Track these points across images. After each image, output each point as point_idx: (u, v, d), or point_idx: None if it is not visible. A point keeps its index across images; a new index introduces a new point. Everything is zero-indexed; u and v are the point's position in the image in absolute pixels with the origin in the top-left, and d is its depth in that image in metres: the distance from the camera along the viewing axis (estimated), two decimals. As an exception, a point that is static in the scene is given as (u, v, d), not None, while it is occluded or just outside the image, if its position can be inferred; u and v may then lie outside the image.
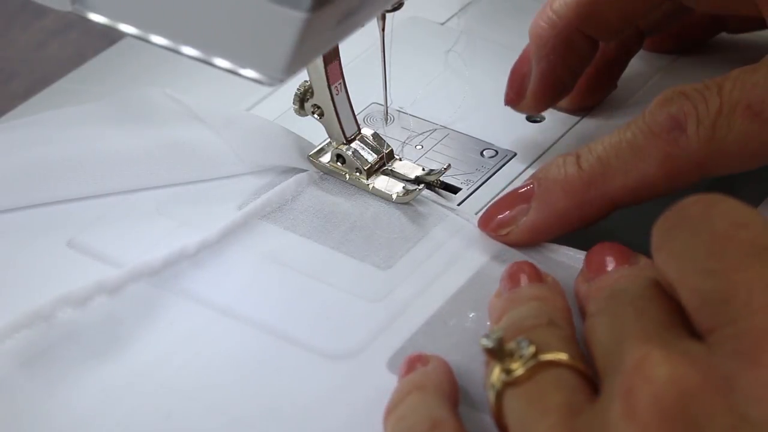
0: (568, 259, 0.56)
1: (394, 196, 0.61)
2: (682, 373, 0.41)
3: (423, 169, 0.62)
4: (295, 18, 0.44)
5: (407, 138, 0.65)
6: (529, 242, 0.57)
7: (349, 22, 0.48)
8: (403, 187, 0.61)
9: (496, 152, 0.64)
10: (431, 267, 0.57)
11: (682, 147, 0.54)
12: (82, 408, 0.51)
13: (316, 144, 0.63)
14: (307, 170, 0.63)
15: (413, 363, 0.51)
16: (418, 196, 0.61)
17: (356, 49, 0.70)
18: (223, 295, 0.56)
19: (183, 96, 0.66)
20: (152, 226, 0.60)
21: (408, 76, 0.69)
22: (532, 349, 0.46)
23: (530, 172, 0.63)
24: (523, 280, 0.53)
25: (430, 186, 0.62)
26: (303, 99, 0.61)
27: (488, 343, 0.47)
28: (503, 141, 0.65)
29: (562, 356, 0.46)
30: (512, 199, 0.58)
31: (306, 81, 0.61)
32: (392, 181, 0.62)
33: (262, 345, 0.54)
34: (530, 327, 0.48)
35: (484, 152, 0.64)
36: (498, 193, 0.62)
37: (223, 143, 0.63)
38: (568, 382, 0.45)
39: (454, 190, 0.62)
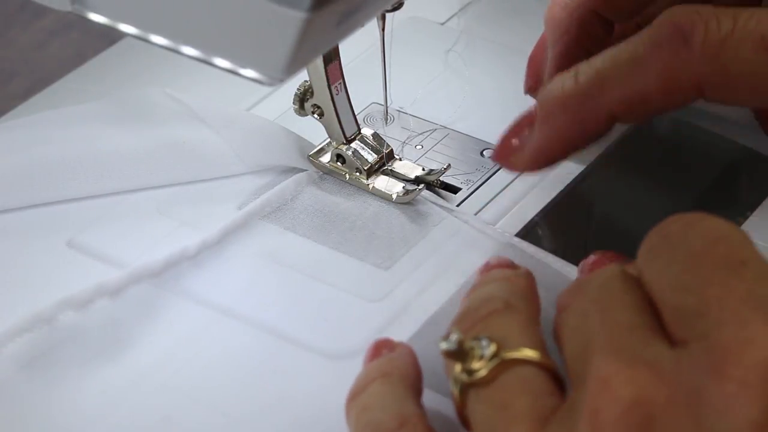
0: (567, 272, 0.56)
1: (394, 196, 0.61)
2: (648, 392, 0.40)
3: (423, 169, 0.62)
4: (295, 18, 0.44)
5: (407, 138, 0.65)
6: (537, 167, 0.56)
7: (349, 22, 0.48)
8: (403, 187, 0.61)
9: (496, 152, 0.64)
10: (431, 267, 0.57)
11: (683, 59, 0.52)
12: (84, 410, 0.51)
13: (316, 144, 0.63)
14: (306, 170, 0.63)
15: (379, 348, 0.50)
16: (418, 196, 0.61)
17: (356, 49, 0.70)
18: (223, 296, 0.56)
19: (183, 96, 0.66)
20: (152, 226, 0.60)
21: (408, 76, 0.69)
22: (493, 348, 0.45)
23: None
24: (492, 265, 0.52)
25: (430, 186, 0.62)
26: (303, 99, 0.61)
27: (447, 346, 0.45)
28: (503, 141, 0.65)
29: (525, 353, 0.45)
30: (519, 125, 0.56)
31: (306, 81, 0.61)
32: (392, 181, 0.62)
33: (262, 345, 0.54)
34: (486, 315, 0.47)
35: (484, 152, 0.64)
36: (498, 193, 0.62)
37: (223, 143, 0.63)
38: (533, 382, 0.44)
39: (454, 190, 0.62)
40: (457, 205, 0.61)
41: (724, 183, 0.62)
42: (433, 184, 0.62)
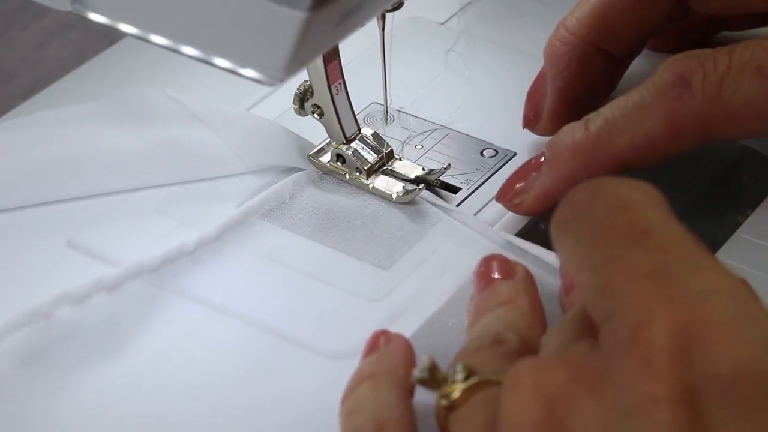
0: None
1: (394, 196, 0.61)
2: (546, 378, 0.41)
3: (423, 169, 0.62)
4: (295, 18, 0.44)
5: (407, 138, 0.65)
6: (541, 210, 0.58)
7: (349, 22, 0.48)
8: (403, 187, 0.61)
9: (496, 152, 0.64)
10: (431, 267, 0.57)
11: (686, 103, 0.54)
12: (80, 407, 0.51)
13: (316, 144, 0.63)
14: (305, 170, 0.63)
15: (376, 342, 0.51)
16: (418, 196, 0.61)
17: (356, 49, 0.70)
18: (221, 294, 0.56)
19: (183, 96, 0.66)
20: (152, 226, 0.60)
21: (408, 76, 0.69)
22: (463, 374, 0.46)
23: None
24: (493, 274, 0.53)
25: (430, 186, 0.62)
26: (303, 99, 0.61)
27: (418, 375, 0.47)
28: (503, 141, 0.65)
29: (490, 376, 0.45)
30: (525, 169, 0.59)
31: (306, 81, 0.61)
32: (392, 180, 0.62)
33: (260, 344, 0.54)
34: (473, 350, 0.48)
35: (484, 152, 0.64)
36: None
37: (223, 143, 0.63)
38: (494, 400, 0.44)
39: (454, 189, 0.62)
40: (457, 205, 0.61)
41: (724, 183, 0.62)
42: (433, 183, 0.62)
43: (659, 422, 0.38)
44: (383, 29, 0.61)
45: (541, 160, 0.59)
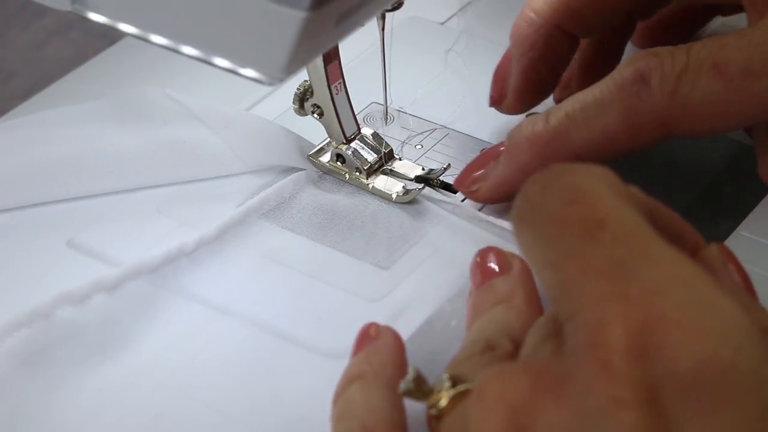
0: None
1: (394, 196, 0.61)
2: (509, 386, 0.41)
3: (423, 169, 0.62)
4: (294, 17, 0.44)
5: (407, 138, 0.65)
6: (498, 198, 0.59)
7: (349, 21, 0.48)
8: (403, 187, 0.61)
9: (496, 152, 0.64)
10: (431, 266, 0.57)
11: (644, 100, 0.54)
12: (80, 407, 0.51)
13: (316, 144, 0.63)
14: (305, 169, 0.63)
15: (364, 338, 0.51)
16: (418, 196, 0.61)
17: (356, 49, 0.70)
18: (221, 294, 0.56)
19: (183, 96, 0.66)
20: (152, 226, 0.60)
21: (408, 76, 0.69)
22: (450, 383, 0.46)
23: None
24: (489, 266, 0.53)
25: (429, 186, 0.62)
26: (303, 98, 0.61)
27: (404, 387, 0.47)
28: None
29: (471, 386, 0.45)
30: (484, 158, 0.59)
31: (306, 81, 0.61)
32: (392, 180, 0.62)
33: (260, 344, 0.54)
34: (465, 358, 0.48)
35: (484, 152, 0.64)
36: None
37: (223, 143, 0.63)
38: None
39: (454, 190, 0.62)
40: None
41: (724, 181, 0.62)
42: (433, 183, 0.62)
43: (622, 424, 0.37)
44: (383, 29, 0.61)
45: (501, 149, 0.59)
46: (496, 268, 0.53)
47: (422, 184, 0.61)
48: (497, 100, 0.64)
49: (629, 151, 0.56)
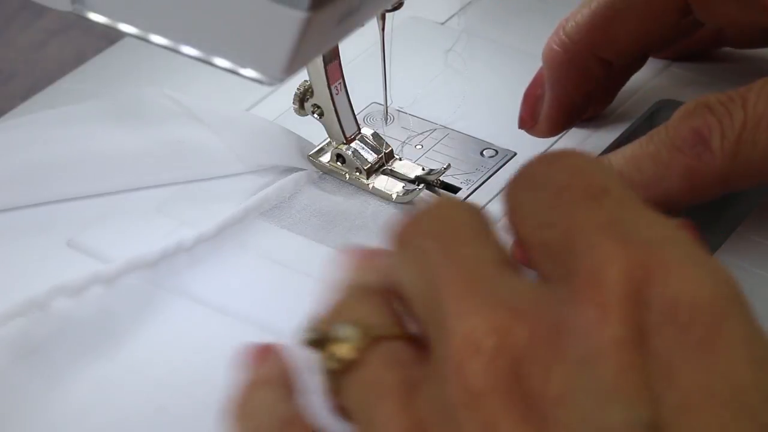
0: None
1: (394, 196, 0.61)
2: (509, 338, 0.39)
3: (423, 169, 0.62)
4: (294, 17, 0.44)
5: (407, 138, 0.65)
6: None
7: (349, 21, 0.48)
8: (403, 187, 0.61)
9: (496, 152, 0.64)
10: (431, 267, 0.57)
11: (705, 162, 0.54)
12: (75, 403, 0.51)
13: (316, 144, 0.63)
14: (305, 170, 0.63)
15: (255, 354, 0.49)
16: (418, 196, 0.61)
17: (356, 49, 0.70)
18: (219, 294, 0.56)
19: (182, 96, 0.66)
20: (152, 226, 0.60)
21: (408, 75, 0.69)
22: (355, 331, 0.43)
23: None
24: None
25: (430, 186, 0.62)
26: (303, 99, 0.61)
27: (311, 335, 0.43)
28: (503, 141, 0.65)
29: (387, 329, 0.43)
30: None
31: (306, 81, 0.61)
32: (392, 180, 0.62)
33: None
34: (341, 303, 0.45)
35: (484, 152, 0.64)
36: (498, 193, 0.62)
37: (223, 143, 0.63)
38: (400, 354, 0.42)
39: (454, 190, 0.62)
40: (457, 205, 0.61)
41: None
42: (433, 184, 0.62)
43: (619, 364, 0.37)
44: (383, 29, 0.61)
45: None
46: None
47: (422, 185, 0.61)
48: (528, 123, 0.64)
49: (686, 206, 0.55)
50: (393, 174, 0.62)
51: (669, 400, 0.37)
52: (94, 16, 0.49)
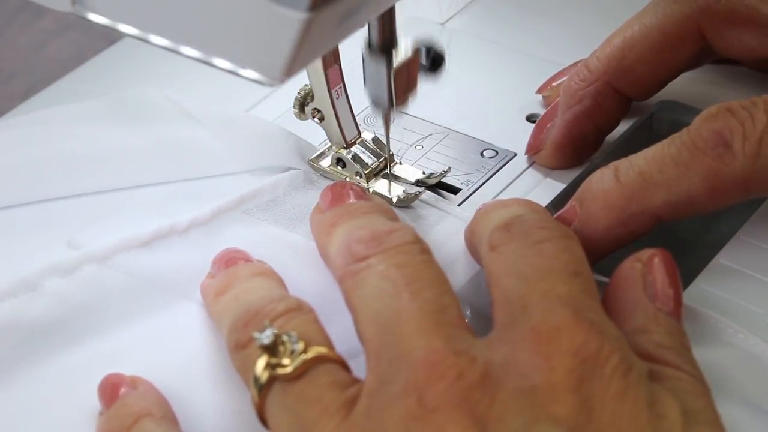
0: None
1: (395, 200, 0.61)
2: (467, 371, 0.45)
3: (423, 173, 0.62)
4: (295, 18, 0.44)
5: (408, 139, 0.65)
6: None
7: (349, 22, 0.48)
8: (404, 191, 0.61)
9: (496, 152, 0.64)
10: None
11: (727, 163, 0.53)
12: (65, 382, 0.52)
13: (315, 144, 0.63)
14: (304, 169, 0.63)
15: (118, 385, 0.51)
16: (419, 199, 0.61)
17: (356, 49, 0.70)
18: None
19: (182, 97, 0.66)
20: (152, 225, 0.60)
21: (408, 76, 0.69)
22: (301, 345, 0.48)
23: (530, 172, 0.63)
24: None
25: (430, 187, 0.62)
26: (303, 103, 0.61)
27: (264, 340, 0.47)
28: (503, 141, 0.65)
29: (327, 350, 0.48)
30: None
31: (306, 85, 0.61)
32: (393, 184, 0.62)
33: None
34: (284, 311, 0.50)
35: (484, 152, 0.64)
36: (498, 194, 0.62)
37: (222, 144, 0.63)
38: (337, 376, 0.48)
39: (454, 190, 0.62)
40: (458, 205, 0.61)
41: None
42: (433, 185, 0.62)
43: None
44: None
45: (570, 209, 0.56)
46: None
47: (422, 188, 0.61)
48: (534, 150, 0.63)
49: (710, 210, 0.55)
50: (393, 178, 0.62)
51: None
52: (94, 17, 0.49)
